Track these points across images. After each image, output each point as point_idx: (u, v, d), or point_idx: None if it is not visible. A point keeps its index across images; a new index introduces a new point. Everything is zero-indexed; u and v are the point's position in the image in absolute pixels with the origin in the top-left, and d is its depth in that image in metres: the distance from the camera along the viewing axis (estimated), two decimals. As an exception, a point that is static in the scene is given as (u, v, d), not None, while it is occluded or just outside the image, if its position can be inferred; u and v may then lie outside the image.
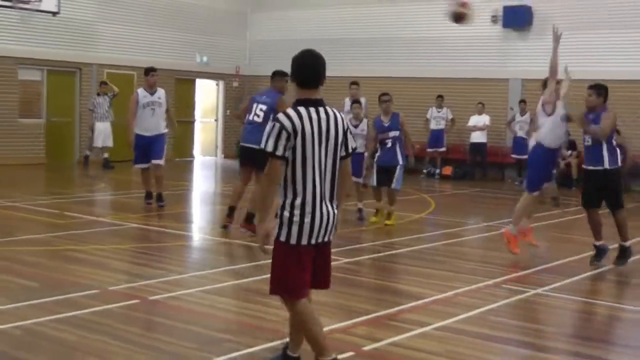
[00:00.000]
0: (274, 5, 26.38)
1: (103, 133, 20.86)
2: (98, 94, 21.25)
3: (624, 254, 9.85)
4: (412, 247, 10.81)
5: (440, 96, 22.07)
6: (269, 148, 5.08)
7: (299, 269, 5.21)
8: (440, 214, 14.60)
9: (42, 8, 18.30)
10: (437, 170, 22.00)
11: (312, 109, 5.17)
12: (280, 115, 5.15)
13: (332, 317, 6.95)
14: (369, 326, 6.88)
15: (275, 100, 11.10)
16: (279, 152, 5.07)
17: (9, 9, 18.33)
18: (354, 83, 16.08)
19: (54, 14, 19.01)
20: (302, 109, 5.14)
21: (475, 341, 6.52)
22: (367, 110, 15.63)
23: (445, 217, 14.07)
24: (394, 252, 10.50)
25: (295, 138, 5.08)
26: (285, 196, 5.19)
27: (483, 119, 21.49)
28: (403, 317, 7.22)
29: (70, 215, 12.73)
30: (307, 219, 5.15)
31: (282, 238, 5.17)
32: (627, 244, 9.85)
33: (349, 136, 5.35)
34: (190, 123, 26.19)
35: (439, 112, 22.03)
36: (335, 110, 5.30)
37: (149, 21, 24.07)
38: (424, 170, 22.14)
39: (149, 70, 13.78)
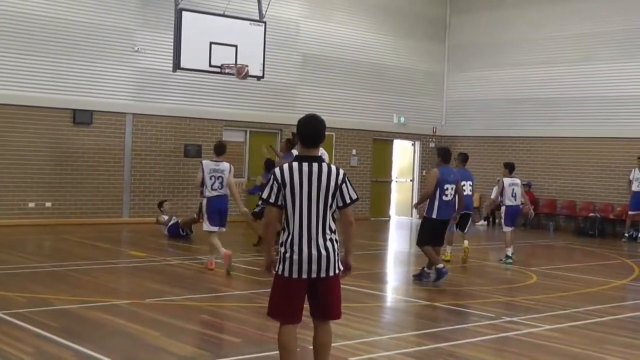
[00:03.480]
0: (471, 65, 26.42)
1: None
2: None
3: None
4: (615, 316, 10.40)
5: (641, 157, 21.20)
6: (264, 195, 6.10)
7: (286, 299, 6.10)
8: (645, 280, 13.99)
9: (248, 73, 19.15)
10: (640, 234, 21.15)
11: (304, 164, 6.04)
12: (275, 169, 6.16)
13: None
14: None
15: None
16: (271, 200, 6.07)
17: (219, 75, 19.32)
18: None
19: (259, 78, 19.88)
20: (295, 164, 6.05)
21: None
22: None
23: (652, 285, 13.47)
24: (597, 319, 10.14)
25: (284, 188, 6.01)
26: (283, 235, 6.11)
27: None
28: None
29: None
30: (295, 256, 6.02)
31: (279, 271, 6.10)
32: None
33: (345, 189, 6.12)
34: (387, 183, 26.48)
35: (642, 173, 21.16)
36: (333, 167, 6.14)
37: (347, 83, 24.71)
38: (626, 234, 21.31)
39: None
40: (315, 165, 6.05)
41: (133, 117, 20.71)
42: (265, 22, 19.60)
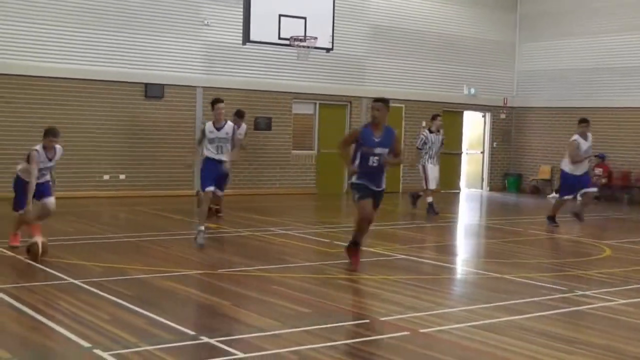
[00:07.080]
0: (543, 34, 25.94)
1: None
2: (430, 130, 18.28)
3: None
4: (693, 290, 10.18)
5: None
6: None
7: None
8: None
9: (317, 45, 19.16)
10: None
11: None
12: None
13: (608, 360, 6.70)
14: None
15: None
16: None
17: (288, 47, 19.37)
18: None
19: (328, 50, 19.86)
20: None
21: None
22: None
23: None
24: (673, 294, 9.94)
25: None
26: None
27: None
28: (686, 365, 6.80)
29: (340, 244, 13.13)
30: None
31: None
32: None
33: None
34: (457, 155, 26.25)
35: None
36: None
37: (416, 54, 24.51)
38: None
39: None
40: None
41: (203, 90, 20.88)
42: (334, -6, 19.56)
